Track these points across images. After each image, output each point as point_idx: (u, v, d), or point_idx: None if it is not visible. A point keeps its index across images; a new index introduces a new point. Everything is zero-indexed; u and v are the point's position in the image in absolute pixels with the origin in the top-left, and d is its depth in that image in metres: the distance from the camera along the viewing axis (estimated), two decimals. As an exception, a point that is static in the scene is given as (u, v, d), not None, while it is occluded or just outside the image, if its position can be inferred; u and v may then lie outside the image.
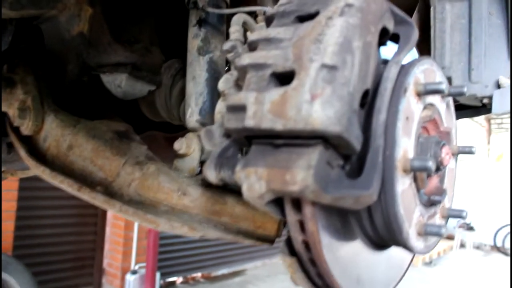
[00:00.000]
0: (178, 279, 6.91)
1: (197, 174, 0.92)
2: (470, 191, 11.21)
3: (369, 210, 0.65)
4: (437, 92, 0.66)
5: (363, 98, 0.61)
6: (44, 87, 0.98)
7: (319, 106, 0.52)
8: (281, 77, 0.59)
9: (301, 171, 0.53)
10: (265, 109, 0.56)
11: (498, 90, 1.44)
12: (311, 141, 0.54)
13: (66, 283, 5.79)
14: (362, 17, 0.58)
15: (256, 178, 0.57)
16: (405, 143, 0.63)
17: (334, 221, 0.63)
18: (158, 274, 5.97)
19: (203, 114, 0.91)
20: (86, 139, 0.91)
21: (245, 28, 0.81)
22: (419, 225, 0.68)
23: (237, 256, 7.72)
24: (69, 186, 0.89)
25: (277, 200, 0.61)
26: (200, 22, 0.94)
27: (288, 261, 0.65)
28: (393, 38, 0.70)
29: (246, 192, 0.58)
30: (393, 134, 0.60)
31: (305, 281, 0.65)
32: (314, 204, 0.58)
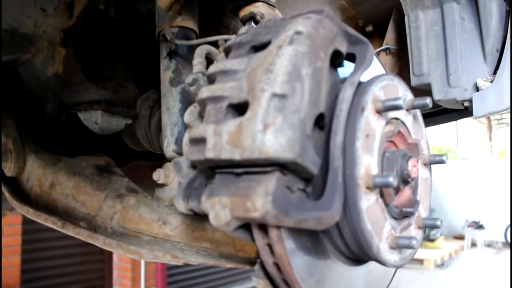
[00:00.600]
0: (189, 301, 6.86)
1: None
2: (476, 189, 11.15)
3: (339, 228, 0.66)
4: (396, 108, 0.68)
5: (321, 121, 0.63)
6: (25, 129, 1.00)
7: (272, 135, 0.53)
8: (238, 108, 0.61)
9: (260, 198, 0.54)
10: (224, 140, 0.58)
11: (477, 93, 1.46)
12: (268, 168, 0.56)
13: (77, 312, 5.76)
14: (310, 43, 0.60)
15: (221, 207, 0.59)
16: (367, 161, 0.64)
17: (304, 241, 0.65)
18: (168, 297, 5.94)
19: (179, 143, 0.93)
20: (67, 176, 0.93)
21: (210, 58, 0.83)
22: (391, 238, 0.70)
23: (247, 273, 7.66)
24: (53, 224, 0.91)
25: (245, 225, 0.63)
26: (171, 54, 0.97)
27: (262, 283, 0.66)
28: (351, 58, 0.72)
29: (213, 221, 0.60)
30: (352, 154, 0.62)
31: (280, 302, 0.66)
32: (279, 228, 0.59)
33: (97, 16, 1.09)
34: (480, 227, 11.12)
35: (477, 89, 1.45)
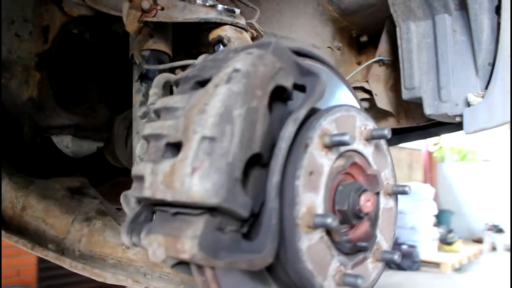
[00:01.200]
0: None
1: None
2: (497, 192, 10.86)
3: (283, 266, 0.66)
4: (342, 144, 0.67)
5: (260, 159, 0.62)
6: (1, 151, 1.03)
7: (198, 179, 0.53)
8: (177, 147, 0.61)
9: (188, 240, 0.54)
10: (159, 180, 0.58)
11: (468, 109, 1.42)
12: (196, 211, 0.56)
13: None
14: (247, 82, 0.59)
15: (157, 245, 0.59)
16: (310, 199, 0.63)
17: (243, 278, 0.64)
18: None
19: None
20: (38, 199, 0.95)
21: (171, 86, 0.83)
22: (339, 275, 0.68)
23: None
24: (23, 245, 0.93)
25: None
26: (141, 77, 0.98)
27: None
28: (302, 89, 0.70)
29: (151, 257, 0.60)
30: (291, 193, 0.61)
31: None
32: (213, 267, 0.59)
33: (72, 39, 1.11)
34: (499, 230, 10.81)
35: (468, 104, 1.41)
